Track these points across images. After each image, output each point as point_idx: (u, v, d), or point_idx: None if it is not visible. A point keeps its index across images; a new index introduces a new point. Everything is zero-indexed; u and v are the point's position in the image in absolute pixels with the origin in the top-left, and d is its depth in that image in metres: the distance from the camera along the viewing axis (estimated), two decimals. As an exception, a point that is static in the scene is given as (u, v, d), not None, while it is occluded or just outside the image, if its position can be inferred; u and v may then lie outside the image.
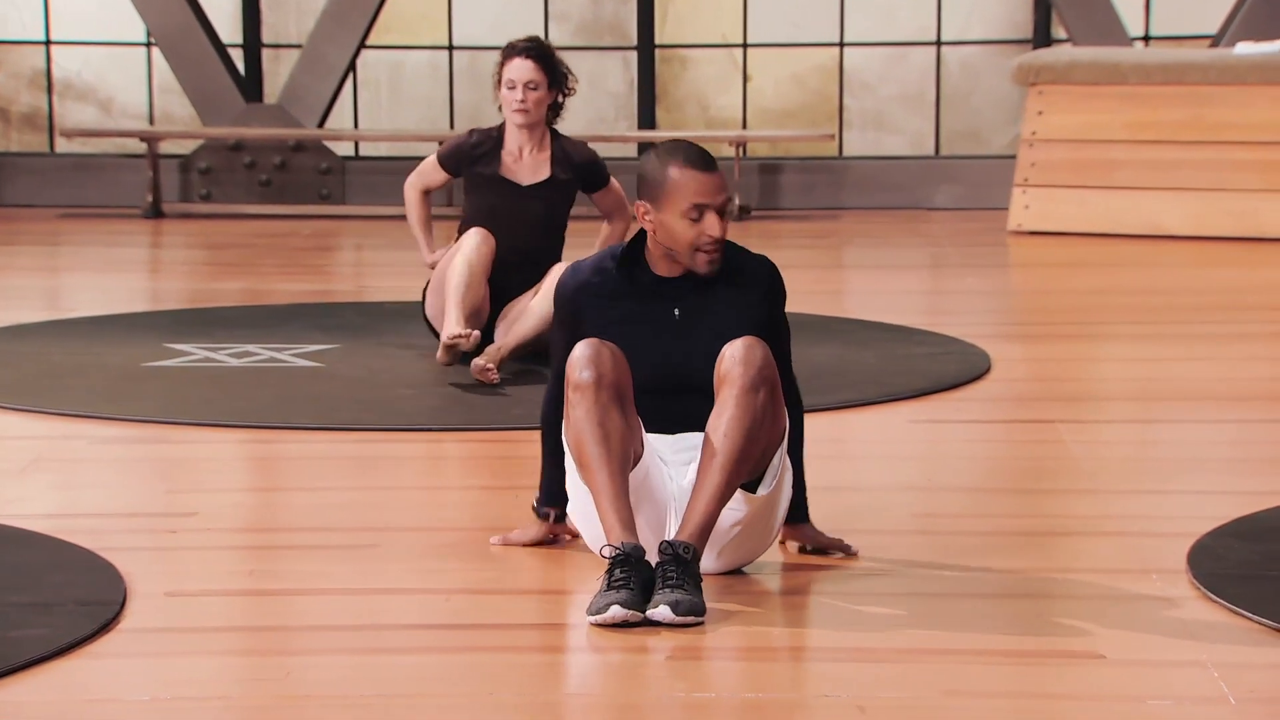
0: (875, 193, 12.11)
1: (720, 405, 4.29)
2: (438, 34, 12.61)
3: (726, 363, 4.31)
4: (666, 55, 12.74)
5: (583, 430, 4.28)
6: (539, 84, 6.95)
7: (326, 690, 3.79)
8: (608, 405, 4.29)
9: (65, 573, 4.45)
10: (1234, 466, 5.71)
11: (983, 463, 5.85)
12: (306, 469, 5.73)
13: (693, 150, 4.41)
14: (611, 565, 4.13)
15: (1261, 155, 10.39)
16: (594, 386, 4.29)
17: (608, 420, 4.28)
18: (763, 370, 4.29)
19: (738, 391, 4.26)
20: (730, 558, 4.43)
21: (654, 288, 4.49)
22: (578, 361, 4.32)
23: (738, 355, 4.30)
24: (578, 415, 4.29)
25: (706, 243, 4.40)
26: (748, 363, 4.28)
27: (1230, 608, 4.20)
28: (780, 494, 4.42)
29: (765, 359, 4.30)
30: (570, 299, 4.51)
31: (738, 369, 4.28)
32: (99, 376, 6.79)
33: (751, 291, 4.51)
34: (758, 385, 4.27)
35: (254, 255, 10.40)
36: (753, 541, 4.44)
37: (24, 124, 12.77)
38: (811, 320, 7.92)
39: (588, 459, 4.28)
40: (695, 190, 4.37)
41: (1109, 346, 7.69)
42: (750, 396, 4.26)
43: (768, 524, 4.43)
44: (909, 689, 3.77)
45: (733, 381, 4.28)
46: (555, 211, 7.07)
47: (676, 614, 4.05)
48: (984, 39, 12.63)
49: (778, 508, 4.44)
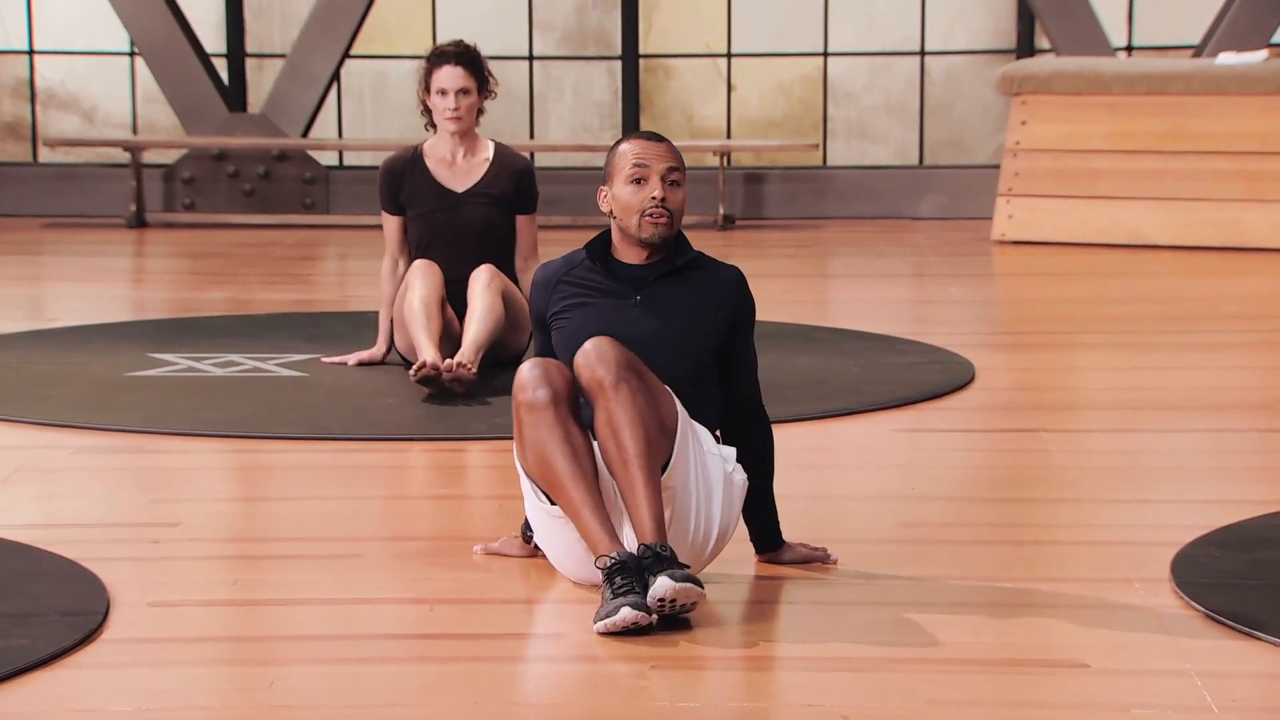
0: (859, 202, 12.12)
1: (603, 411, 4.27)
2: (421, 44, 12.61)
3: (585, 371, 4.29)
4: (651, 65, 12.75)
5: (547, 448, 4.28)
6: (471, 89, 6.94)
7: (310, 700, 3.78)
8: (567, 419, 4.30)
9: (48, 583, 4.44)
10: (1217, 475, 5.73)
11: (966, 472, 5.86)
12: (290, 479, 5.72)
13: (641, 130, 4.48)
14: (610, 574, 4.13)
15: (1243, 165, 10.42)
16: (550, 404, 4.30)
17: (571, 435, 4.29)
18: (620, 361, 4.28)
19: (611, 390, 4.25)
20: (696, 548, 4.40)
21: (619, 274, 4.53)
22: (528, 382, 4.32)
23: (591, 358, 4.29)
24: (539, 435, 4.29)
25: (650, 205, 4.46)
26: (604, 361, 4.28)
27: (1213, 616, 4.21)
28: (687, 460, 4.37)
29: (620, 351, 4.29)
30: (539, 295, 4.57)
31: (600, 370, 4.28)
32: (82, 386, 6.78)
33: (717, 294, 4.54)
34: (625, 376, 4.27)
35: (237, 265, 10.39)
36: (701, 517, 4.40)
37: (7, 133, 12.76)
38: (795, 329, 7.93)
39: (558, 477, 4.28)
40: (637, 154, 4.48)
41: (1092, 356, 7.71)
42: (625, 389, 4.26)
43: (705, 490, 4.41)
44: (892, 698, 3.77)
45: (600, 384, 4.27)
46: (494, 221, 6.97)
47: (675, 580, 4.06)
48: (968, 49, 12.65)
49: (704, 475, 4.41)
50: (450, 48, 6.99)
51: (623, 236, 4.53)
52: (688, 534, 4.37)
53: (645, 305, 4.50)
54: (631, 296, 4.51)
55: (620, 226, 4.52)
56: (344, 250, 10.99)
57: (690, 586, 4.09)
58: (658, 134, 4.56)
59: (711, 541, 4.44)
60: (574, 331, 4.47)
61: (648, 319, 4.49)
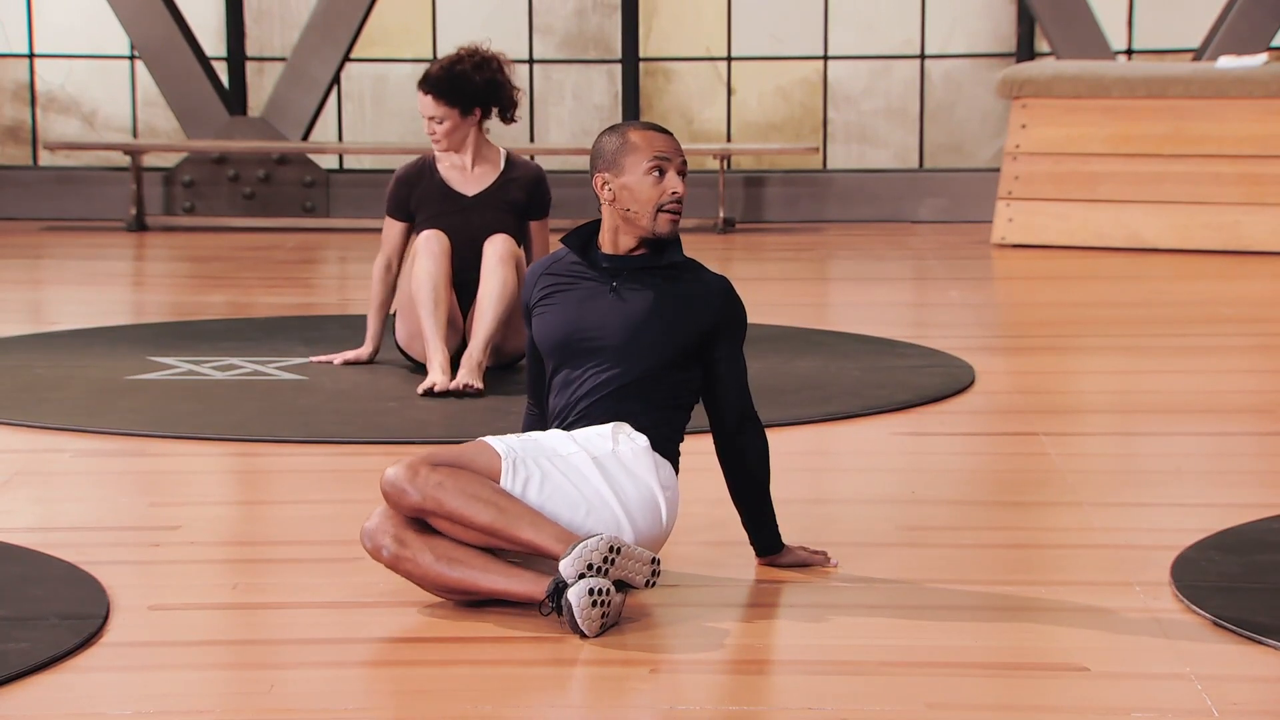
0: (859, 206, 12.12)
1: (442, 524, 4.26)
2: (422, 47, 12.62)
3: (397, 508, 4.27)
4: (651, 68, 12.76)
5: (434, 576, 4.25)
6: (443, 116, 6.94)
7: (310, 704, 3.78)
8: (421, 545, 4.26)
9: (47, 586, 4.44)
10: (1217, 479, 5.73)
11: (966, 475, 5.86)
12: (290, 482, 5.72)
13: (643, 120, 4.49)
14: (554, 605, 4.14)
15: (1242, 169, 10.42)
16: (399, 549, 4.26)
17: (437, 550, 4.25)
18: (408, 476, 4.24)
19: (431, 504, 4.23)
20: (627, 531, 4.40)
21: (600, 264, 4.54)
22: (373, 549, 4.28)
23: (391, 495, 4.26)
24: (420, 575, 4.26)
25: (669, 200, 4.47)
26: (403, 489, 4.24)
27: (1213, 620, 4.21)
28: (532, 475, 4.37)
29: (403, 469, 4.25)
30: (525, 289, 4.61)
31: (405, 500, 4.25)
32: (82, 389, 6.78)
33: (700, 297, 4.52)
34: (423, 485, 4.23)
35: (237, 268, 10.39)
36: (592, 510, 4.38)
37: (7, 137, 12.76)
38: (795, 333, 7.93)
39: (462, 584, 4.25)
40: (656, 147, 4.48)
41: (1092, 359, 7.71)
42: (434, 497, 4.23)
43: (582, 485, 4.38)
44: (892, 701, 3.77)
45: (417, 509, 4.25)
46: (505, 226, 6.96)
47: (570, 554, 4.08)
48: (967, 52, 12.65)
49: (576, 477, 4.38)
50: (430, 70, 6.98)
51: (624, 225, 4.52)
52: (594, 529, 4.34)
53: (621, 293, 4.50)
54: (608, 284, 4.51)
55: (627, 216, 4.50)
56: (344, 253, 10.99)
57: (584, 544, 4.08)
58: (660, 125, 4.56)
59: (623, 519, 4.37)
60: (548, 320, 4.50)
61: (621, 305, 4.48)
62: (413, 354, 7.03)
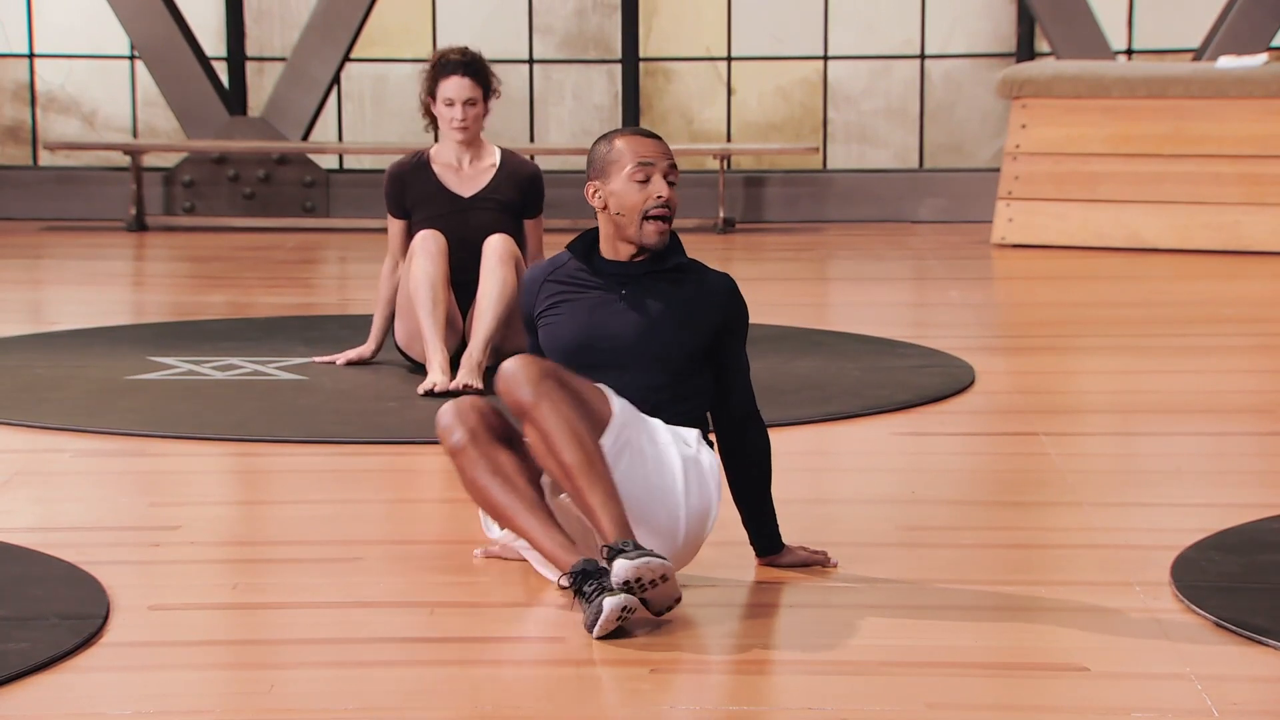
0: (859, 206, 12.12)
1: (532, 433, 4.27)
2: (422, 47, 12.62)
3: (505, 397, 4.28)
4: (651, 68, 12.76)
5: (482, 486, 4.33)
6: (477, 99, 6.94)
7: (310, 704, 3.78)
8: (491, 450, 4.33)
9: (47, 586, 4.44)
10: (1217, 479, 5.73)
11: (966, 475, 5.86)
12: (290, 482, 5.73)
13: (633, 126, 4.48)
14: (578, 586, 4.13)
15: (1242, 169, 10.42)
16: (469, 443, 4.33)
17: (499, 465, 4.32)
18: (536, 377, 4.26)
19: (532, 410, 4.24)
20: (666, 536, 4.39)
21: (605, 270, 4.53)
22: (444, 429, 4.36)
23: (509, 382, 4.27)
24: (470, 475, 4.34)
25: (654, 205, 4.46)
26: (520, 382, 4.26)
27: (1213, 620, 4.21)
28: (637, 452, 4.38)
29: (534, 366, 4.28)
30: (527, 296, 4.59)
31: (517, 392, 4.26)
32: (82, 389, 6.78)
33: (707, 297, 4.53)
34: (544, 391, 4.25)
35: (237, 268, 10.39)
36: (660, 505, 4.38)
37: (7, 137, 12.76)
38: (795, 333, 7.93)
39: (499, 510, 4.33)
40: (640, 151, 4.48)
41: (1092, 359, 7.71)
42: (546, 404, 4.24)
43: (662, 478, 4.38)
44: (892, 702, 3.77)
45: (520, 406, 4.26)
46: (501, 226, 6.96)
47: (631, 560, 4.06)
48: (967, 52, 12.65)
49: (659, 465, 4.38)
50: (456, 56, 6.97)
51: (616, 233, 4.52)
52: (652, 523, 4.35)
53: (630, 300, 4.50)
54: (617, 291, 4.51)
55: (617, 224, 4.50)
56: (344, 253, 11.00)
57: (648, 561, 4.07)
58: (649, 130, 4.56)
59: (682, 526, 4.39)
60: (558, 328, 4.50)
61: (631, 314, 4.48)
62: (412, 355, 7.03)
